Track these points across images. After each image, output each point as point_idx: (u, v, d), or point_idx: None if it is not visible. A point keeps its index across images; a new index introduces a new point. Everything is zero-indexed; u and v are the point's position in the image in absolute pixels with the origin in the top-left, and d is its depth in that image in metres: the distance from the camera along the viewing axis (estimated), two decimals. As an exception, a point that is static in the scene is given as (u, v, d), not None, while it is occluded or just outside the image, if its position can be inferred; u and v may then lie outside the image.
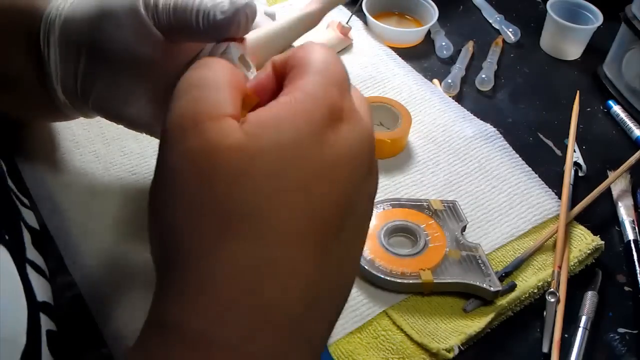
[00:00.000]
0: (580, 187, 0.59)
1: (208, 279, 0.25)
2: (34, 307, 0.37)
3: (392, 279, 0.47)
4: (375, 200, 0.33)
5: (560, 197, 0.56)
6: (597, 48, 0.74)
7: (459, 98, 0.68)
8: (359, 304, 0.47)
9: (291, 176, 0.25)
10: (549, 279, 0.50)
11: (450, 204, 0.54)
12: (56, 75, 0.43)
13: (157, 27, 0.39)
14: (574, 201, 0.56)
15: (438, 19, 0.74)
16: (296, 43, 0.69)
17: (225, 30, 0.37)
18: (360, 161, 0.28)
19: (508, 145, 0.61)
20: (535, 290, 0.49)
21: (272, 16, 0.70)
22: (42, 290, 0.39)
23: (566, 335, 0.48)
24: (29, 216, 0.45)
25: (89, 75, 0.42)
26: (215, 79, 0.28)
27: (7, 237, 0.38)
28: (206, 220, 0.25)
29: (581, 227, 0.54)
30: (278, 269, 0.25)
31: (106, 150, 0.57)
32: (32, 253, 0.41)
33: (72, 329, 0.44)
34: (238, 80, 0.29)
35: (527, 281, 0.50)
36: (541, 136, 0.65)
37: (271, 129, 0.26)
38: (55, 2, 0.42)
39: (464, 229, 0.52)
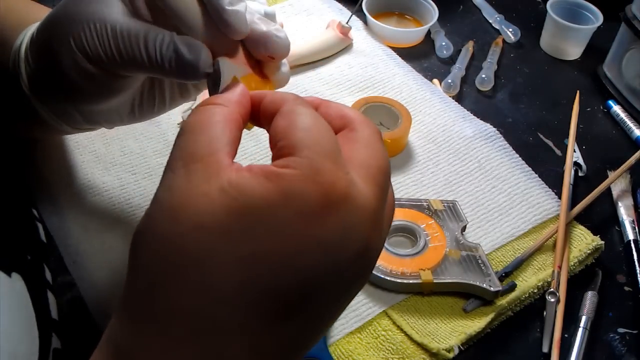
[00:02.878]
0: (580, 187, 0.59)
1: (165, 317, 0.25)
2: (48, 326, 0.38)
3: (392, 279, 0.47)
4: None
5: (560, 197, 0.56)
6: (597, 48, 0.74)
7: (459, 98, 0.68)
8: (359, 304, 0.47)
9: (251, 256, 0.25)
10: (549, 279, 0.50)
11: (450, 204, 0.54)
12: (36, 103, 0.42)
13: (101, 68, 0.37)
14: (574, 201, 0.56)
15: (438, 19, 0.74)
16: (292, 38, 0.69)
17: (191, 79, 0.35)
18: (345, 246, 0.26)
19: (508, 145, 0.61)
20: (535, 290, 0.49)
21: (272, 16, 0.70)
22: (52, 307, 0.40)
23: (566, 335, 0.48)
24: (40, 230, 0.46)
25: (61, 103, 0.41)
26: (206, 122, 0.28)
27: (29, 258, 0.38)
28: (162, 267, 0.25)
29: (581, 227, 0.54)
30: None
31: (106, 150, 0.57)
32: (45, 270, 0.42)
33: (72, 328, 0.44)
34: (233, 119, 0.29)
35: (527, 281, 0.50)
36: (541, 136, 0.65)
37: (256, 209, 0.25)
38: (22, 35, 0.42)
39: (464, 229, 0.52)
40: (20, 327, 0.34)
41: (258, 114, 0.30)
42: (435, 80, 0.69)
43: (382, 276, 0.48)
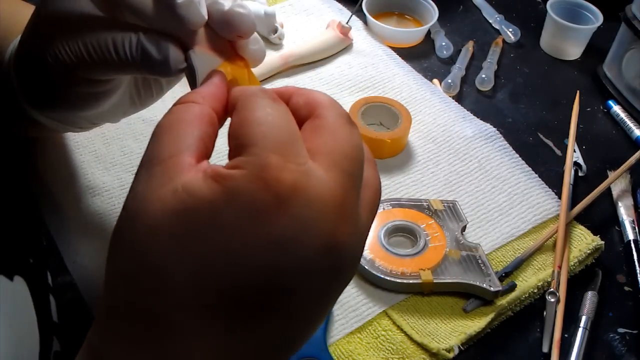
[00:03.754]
0: (580, 187, 0.59)
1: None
2: (49, 330, 0.38)
3: (392, 279, 0.47)
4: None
5: (560, 197, 0.56)
6: (597, 48, 0.74)
7: (459, 98, 0.68)
8: (359, 304, 0.47)
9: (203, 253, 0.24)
10: (549, 279, 0.50)
11: (450, 204, 0.54)
12: (24, 102, 0.42)
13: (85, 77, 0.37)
14: (574, 201, 0.56)
15: (438, 19, 0.74)
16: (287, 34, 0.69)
17: (166, 76, 0.35)
18: (303, 241, 0.24)
19: (508, 145, 0.61)
20: (535, 290, 0.49)
21: (272, 16, 0.70)
22: (53, 310, 0.40)
23: (566, 335, 0.48)
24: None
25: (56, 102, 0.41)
26: (171, 123, 0.27)
27: (31, 261, 0.38)
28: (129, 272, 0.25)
29: (581, 227, 0.54)
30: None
31: (106, 150, 0.57)
32: (48, 274, 0.42)
33: (71, 329, 0.44)
34: (201, 116, 0.28)
35: (527, 281, 0.50)
36: (541, 136, 0.65)
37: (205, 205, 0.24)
38: (13, 44, 0.42)
39: (464, 229, 0.52)
40: (21, 331, 0.34)
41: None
42: (435, 80, 0.69)
43: (382, 276, 0.48)
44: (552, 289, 0.49)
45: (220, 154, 0.28)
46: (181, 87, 0.35)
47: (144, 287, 0.25)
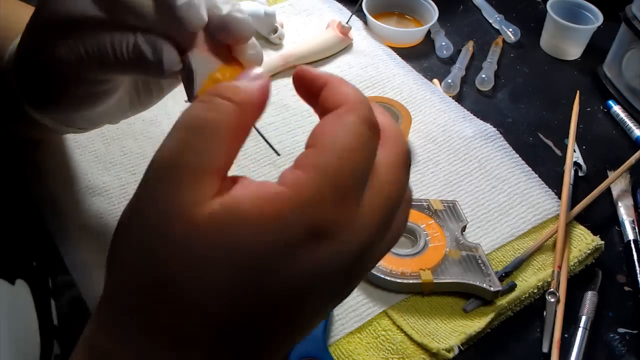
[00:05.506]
0: (580, 187, 0.59)
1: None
2: (50, 334, 0.38)
3: (392, 279, 0.47)
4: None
5: (560, 197, 0.56)
6: (597, 48, 0.74)
7: (459, 98, 0.68)
8: (359, 304, 0.47)
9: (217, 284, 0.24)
10: (549, 279, 0.50)
11: (450, 204, 0.54)
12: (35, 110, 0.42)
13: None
14: (574, 201, 0.56)
15: (438, 19, 0.74)
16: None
17: (162, 76, 0.35)
18: (312, 290, 0.24)
19: (508, 145, 0.61)
20: (535, 290, 0.49)
21: (272, 16, 0.70)
22: (54, 313, 0.40)
23: (566, 335, 0.47)
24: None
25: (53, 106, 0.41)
26: (216, 127, 0.25)
27: (34, 264, 0.38)
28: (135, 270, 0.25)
29: (581, 227, 0.54)
30: None
31: (106, 150, 0.57)
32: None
33: (71, 329, 0.44)
34: (242, 127, 0.26)
35: (527, 281, 0.50)
36: (541, 136, 0.65)
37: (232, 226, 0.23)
38: (13, 44, 0.42)
39: (464, 229, 0.52)
40: (22, 335, 0.34)
41: (315, 94, 0.28)
42: (435, 80, 0.69)
43: (382, 276, 0.48)
44: (552, 289, 0.49)
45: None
46: (181, 90, 0.35)
47: (163, 300, 0.24)
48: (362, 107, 0.26)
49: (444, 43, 0.73)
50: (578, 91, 0.68)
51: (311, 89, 0.28)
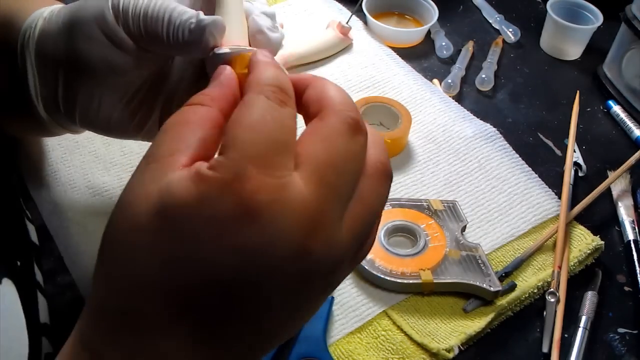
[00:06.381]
0: (580, 187, 0.59)
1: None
2: (37, 332, 0.38)
3: (392, 279, 0.47)
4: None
5: (560, 197, 0.56)
6: (597, 48, 0.74)
7: (459, 98, 0.68)
8: (359, 304, 0.47)
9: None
10: (549, 279, 0.50)
11: (450, 204, 0.54)
12: (36, 92, 0.41)
13: (128, 35, 0.38)
14: (574, 201, 0.56)
15: (438, 19, 0.74)
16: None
17: (195, 49, 0.36)
18: (269, 253, 0.24)
19: (508, 145, 0.61)
20: (535, 290, 0.49)
21: (272, 16, 0.70)
22: (43, 310, 0.40)
23: (566, 335, 0.48)
24: (32, 232, 0.45)
25: (70, 91, 0.40)
26: (174, 123, 0.28)
27: (18, 264, 0.38)
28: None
29: (581, 227, 0.54)
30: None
31: (106, 150, 0.57)
32: (37, 273, 0.42)
33: (72, 329, 0.44)
34: (209, 117, 0.28)
35: (527, 281, 0.50)
36: (541, 136, 0.65)
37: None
38: (31, 18, 0.41)
39: (464, 229, 0.52)
40: (8, 333, 0.34)
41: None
42: (435, 80, 0.69)
43: (382, 276, 0.48)
44: (552, 289, 0.49)
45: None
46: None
47: (121, 281, 0.25)
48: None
49: (444, 43, 0.73)
50: (578, 91, 0.68)
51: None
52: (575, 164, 0.60)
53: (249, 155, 0.24)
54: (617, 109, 0.68)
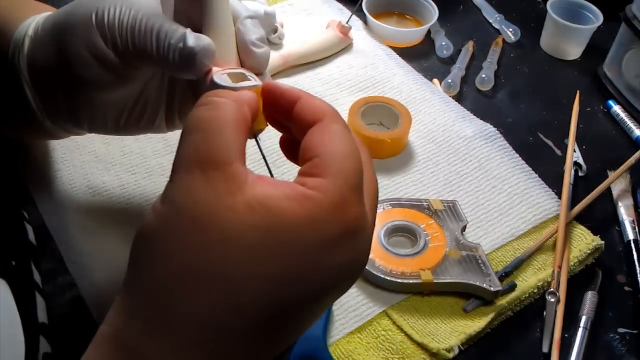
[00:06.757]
0: (580, 187, 0.59)
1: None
2: (35, 331, 0.38)
3: (392, 279, 0.47)
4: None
5: (560, 197, 0.56)
6: (597, 48, 0.74)
7: (459, 98, 0.68)
8: (359, 304, 0.47)
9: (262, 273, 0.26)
10: (549, 279, 0.50)
11: (450, 204, 0.54)
12: (36, 104, 0.41)
13: (116, 54, 0.37)
14: (574, 201, 0.56)
15: (438, 19, 0.74)
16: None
17: (188, 74, 0.36)
18: (351, 274, 0.29)
19: (508, 145, 0.61)
20: (535, 290, 0.49)
21: (272, 16, 0.70)
22: (41, 310, 0.40)
23: (566, 335, 0.47)
24: (30, 232, 0.45)
25: (72, 103, 0.40)
26: (222, 122, 0.28)
27: (14, 264, 0.38)
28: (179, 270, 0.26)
29: (581, 227, 0.54)
30: None
31: (106, 150, 0.57)
32: (35, 273, 0.42)
33: (71, 329, 0.44)
34: (244, 120, 0.29)
35: (527, 281, 0.50)
36: (541, 136, 0.65)
37: (283, 229, 0.26)
38: (18, 31, 0.41)
39: (464, 228, 0.52)
40: (2, 333, 0.34)
41: (288, 113, 0.31)
42: (435, 80, 0.69)
43: (382, 276, 0.48)
44: (552, 289, 0.49)
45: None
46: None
47: (207, 292, 0.25)
48: (339, 117, 0.30)
49: (444, 43, 0.73)
50: (578, 91, 0.68)
51: (280, 103, 0.31)
52: (575, 163, 0.60)
53: (352, 184, 0.27)
54: (617, 108, 0.68)
